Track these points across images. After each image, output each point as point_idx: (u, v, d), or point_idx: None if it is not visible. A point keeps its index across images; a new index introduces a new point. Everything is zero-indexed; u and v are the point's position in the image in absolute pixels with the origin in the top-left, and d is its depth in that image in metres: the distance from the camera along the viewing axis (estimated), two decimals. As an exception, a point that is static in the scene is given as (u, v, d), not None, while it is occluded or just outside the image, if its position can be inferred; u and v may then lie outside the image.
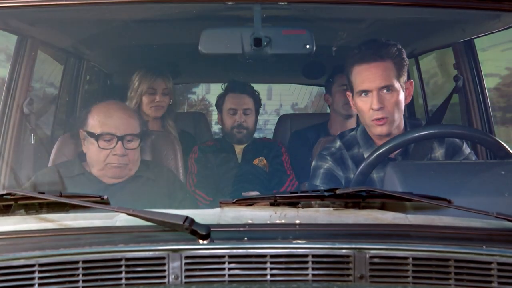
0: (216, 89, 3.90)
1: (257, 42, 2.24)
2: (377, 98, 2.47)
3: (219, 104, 3.62)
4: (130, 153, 2.75)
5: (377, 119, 2.49)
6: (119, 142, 2.71)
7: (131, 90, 3.60)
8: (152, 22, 2.88)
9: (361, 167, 2.37)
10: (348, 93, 2.66)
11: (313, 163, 2.67)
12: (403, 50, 2.56)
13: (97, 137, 2.71)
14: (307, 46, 2.32)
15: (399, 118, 2.53)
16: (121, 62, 4.19)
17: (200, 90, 6.47)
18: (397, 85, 2.50)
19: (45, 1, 2.18)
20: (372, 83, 2.48)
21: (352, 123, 3.73)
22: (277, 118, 4.67)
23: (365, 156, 2.52)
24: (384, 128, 2.50)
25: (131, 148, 2.75)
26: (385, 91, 2.49)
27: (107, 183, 2.76)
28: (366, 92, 2.50)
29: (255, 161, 3.40)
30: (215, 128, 5.74)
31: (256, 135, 3.81)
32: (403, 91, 2.53)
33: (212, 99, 6.25)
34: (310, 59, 3.92)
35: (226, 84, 3.66)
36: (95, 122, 2.75)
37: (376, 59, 2.50)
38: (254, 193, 3.09)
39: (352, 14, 2.74)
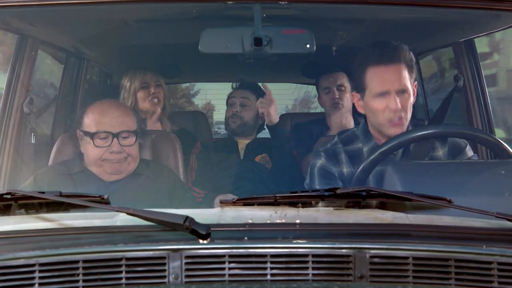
0: (216, 88, 3.91)
1: (257, 41, 2.24)
2: (395, 99, 2.47)
3: (227, 101, 3.67)
4: (127, 149, 2.75)
5: (393, 120, 2.49)
6: (115, 139, 2.71)
7: (123, 92, 3.61)
8: (152, 21, 2.88)
9: (363, 164, 2.38)
10: (354, 93, 2.65)
11: (312, 161, 2.68)
12: (411, 52, 2.57)
13: (92, 135, 2.72)
14: (307, 46, 2.32)
15: (408, 120, 2.54)
16: (121, 61, 4.18)
17: (200, 90, 6.47)
18: (410, 87, 2.51)
19: (45, 1, 2.19)
20: (391, 85, 2.47)
21: (347, 120, 3.75)
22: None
23: (364, 151, 2.55)
24: (398, 129, 2.49)
25: (127, 145, 2.75)
26: (401, 93, 2.49)
27: (107, 181, 2.76)
28: (383, 93, 2.49)
29: (257, 158, 3.40)
30: (215, 128, 5.73)
31: (261, 135, 3.82)
32: (413, 93, 2.55)
33: (212, 98, 6.27)
34: (310, 59, 3.92)
35: (237, 83, 3.73)
36: (90, 121, 2.76)
37: (393, 61, 2.51)
38: None
39: (352, 14, 2.74)
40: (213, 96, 6.04)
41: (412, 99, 2.53)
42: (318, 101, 3.99)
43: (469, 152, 2.60)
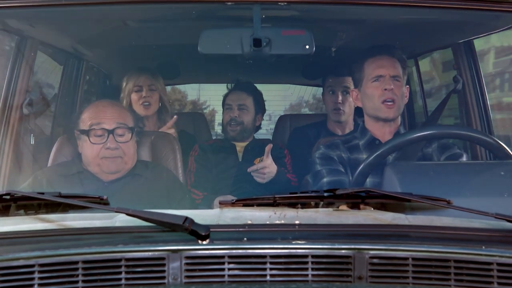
0: (216, 89, 3.90)
1: (257, 42, 2.24)
2: (390, 81, 2.67)
3: (223, 102, 3.66)
4: (123, 146, 2.77)
5: (387, 100, 2.67)
6: (110, 136, 2.74)
7: (122, 92, 3.62)
8: (152, 22, 2.88)
9: (360, 167, 2.40)
10: (352, 90, 2.84)
11: (313, 153, 2.82)
12: (404, 56, 2.80)
13: (88, 132, 2.74)
14: (307, 47, 2.32)
15: (401, 110, 2.73)
16: (120, 62, 4.18)
17: (199, 91, 6.47)
18: (402, 81, 2.72)
19: (45, 1, 2.19)
20: (386, 70, 2.70)
21: (348, 124, 3.77)
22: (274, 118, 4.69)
23: (360, 144, 2.73)
24: (391, 112, 2.68)
25: (123, 141, 2.76)
26: (395, 80, 2.69)
27: (105, 181, 2.77)
28: (378, 77, 2.69)
29: (256, 161, 3.39)
30: (217, 129, 5.73)
31: (259, 135, 3.83)
32: (406, 92, 2.73)
33: (211, 99, 6.27)
34: (309, 60, 3.93)
35: (232, 84, 3.71)
36: (86, 119, 2.79)
37: (389, 53, 2.74)
38: None
39: (351, 15, 2.74)
40: (213, 97, 6.04)
41: (403, 92, 2.71)
42: (322, 98, 4.01)
43: (456, 147, 2.73)
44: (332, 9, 2.47)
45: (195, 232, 1.55)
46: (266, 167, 3.15)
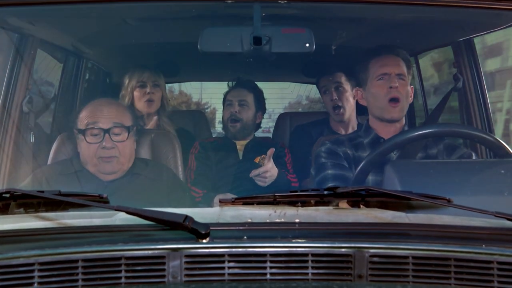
0: (216, 87, 3.90)
1: (257, 40, 2.24)
2: (395, 79, 2.67)
3: (224, 99, 3.66)
4: (120, 146, 2.75)
5: (393, 99, 2.67)
6: (106, 135, 2.72)
7: (122, 89, 3.61)
8: (152, 20, 2.89)
9: (361, 165, 2.40)
10: (357, 89, 2.85)
11: (317, 149, 2.82)
12: (408, 56, 2.81)
13: (84, 132, 2.73)
14: (307, 45, 2.33)
15: (405, 110, 2.73)
16: (120, 61, 4.18)
17: (199, 89, 6.47)
18: (407, 80, 2.72)
19: (45, 0, 2.18)
20: (391, 68, 2.70)
21: (351, 122, 3.77)
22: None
23: (365, 142, 2.73)
24: (396, 112, 2.68)
25: (119, 140, 2.75)
26: (400, 78, 2.69)
27: (104, 180, 2.76)
28: (383, 75, 2.69)
29: (257, 159, 3.39)
30: (218, 127, 5.73)
31: (259, 134, 3.83)
32: (410, 92, 2.74)
33: (211, 98, 6.27)
34: (310, 58, 3.93)
35: (233, 82, 3.71)
36: (83, 118, 2.78)
37: (394, 53, 2.75)
38: None
39: (351, 13, 2.74)
40: (213, 95, 6.04)
41: (408, 91, 2.70)
42: (322, 100, 4.03)
43: (464, 147, 2.67)
44: (332, 8, 2.47)
45: (195, 231, 1.54)
46: (268, 171, 3.15)
